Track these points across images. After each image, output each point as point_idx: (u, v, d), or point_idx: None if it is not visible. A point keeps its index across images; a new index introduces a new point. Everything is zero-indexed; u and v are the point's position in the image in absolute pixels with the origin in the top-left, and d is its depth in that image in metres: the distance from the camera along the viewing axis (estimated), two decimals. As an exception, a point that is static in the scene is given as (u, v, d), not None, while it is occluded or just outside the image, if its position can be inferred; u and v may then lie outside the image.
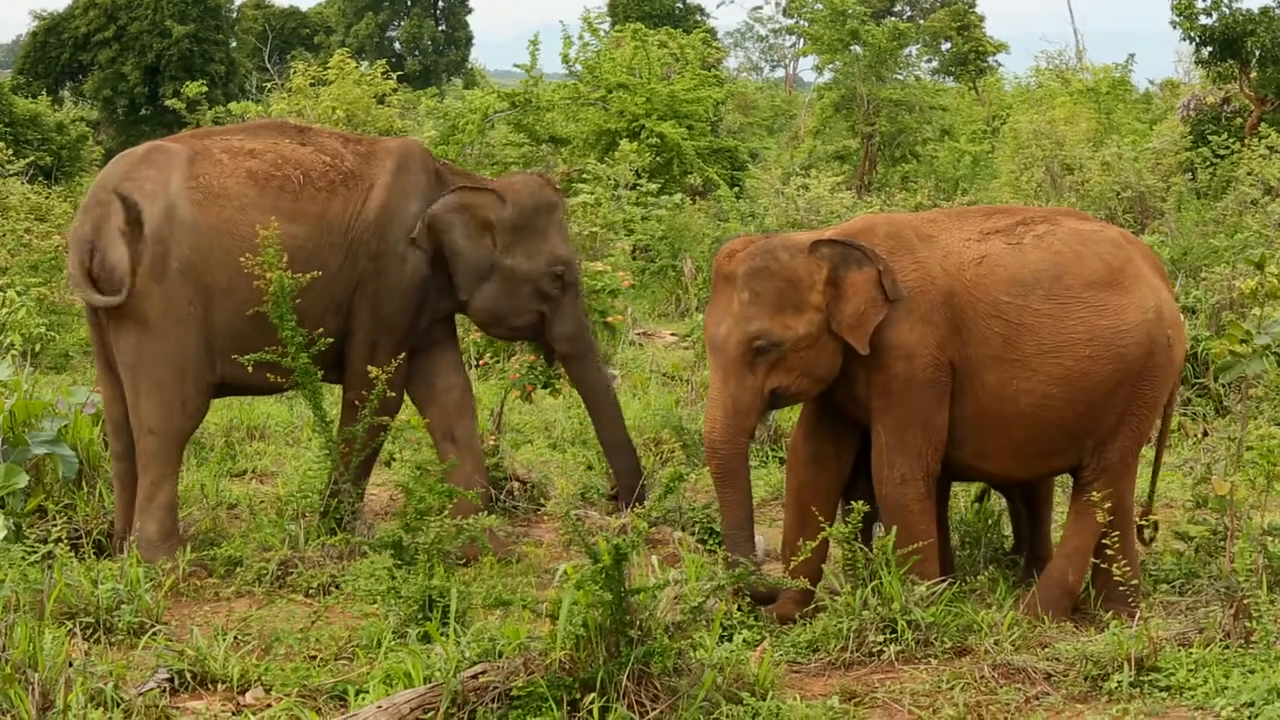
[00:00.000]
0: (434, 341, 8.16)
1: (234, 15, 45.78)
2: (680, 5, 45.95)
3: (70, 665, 5.54)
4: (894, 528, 6.81)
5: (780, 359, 6.85)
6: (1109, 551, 6.70)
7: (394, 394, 7.85)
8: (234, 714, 5.76)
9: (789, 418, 10.11)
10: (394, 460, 9.48)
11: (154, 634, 6.36)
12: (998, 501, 8.20)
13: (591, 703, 5.44)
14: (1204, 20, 22.79)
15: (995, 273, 6.88)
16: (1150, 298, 6.97)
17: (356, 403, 7.83)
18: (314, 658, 6.29)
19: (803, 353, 6.87)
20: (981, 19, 44.29)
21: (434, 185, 8.03)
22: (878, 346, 6.85)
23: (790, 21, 52.81)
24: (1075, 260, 6.93)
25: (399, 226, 7.90)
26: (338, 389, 8.16)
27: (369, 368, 7.64)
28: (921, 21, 44.92)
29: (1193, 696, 5.83)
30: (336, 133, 8.42)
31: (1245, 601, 6.15)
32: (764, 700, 5.70)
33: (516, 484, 9.09)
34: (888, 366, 6.85)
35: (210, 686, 5.94)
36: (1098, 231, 7.19)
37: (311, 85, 23.04)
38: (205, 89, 26.48)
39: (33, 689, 5.33)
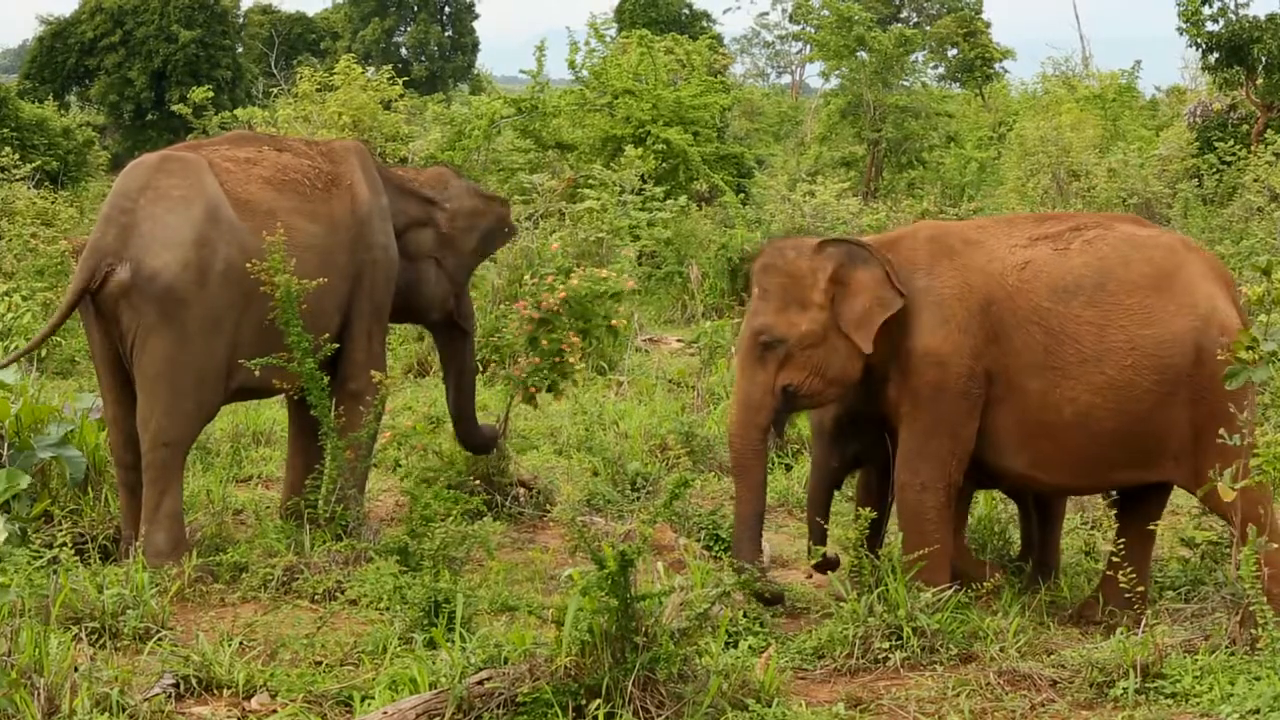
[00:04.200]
0: None
1: (240, 20, 45.83)
2: (687, 11, 45.95)
3: (76, 670, 5.53)
4: (908, 533, 6.84)
5: (788, 356, 6.94)
6: (1114, 559, 6.68)
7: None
8: (239, 719, 5.77)
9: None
10: (400, 466, 9.48)
11: (160, 639, 6.36)
12: (1005, 508, 8.20)
13: (597, 709, 5.44)
14: (1211, 27, 22.79)
15: (1038, 278, 6.84)
16: (1201, 304, 6.77)
17: (361, 408, 8.00)
18: (319, 663, 6.29)
19: (809, 350, 6.93)
20: (988, 25, 44.28)
21: (384, 180, 8.42)
22: (910, 352, 6.87)
23: (797, 28, 52.89)
24: (1121, 265, 6.83)
25: (378, 219, 8.19)
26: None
27: (371, 374, 7.98)
28: (928, 28, 44.89)
29: (1198, 703, 5.83)
30: (296, 138, 8.88)
31: (1251, 608, 6.14)
32: (769, 707, 5.71)
33: (522, 489, 9.10)
34: (920, 373, 6.86)
35: (216, 692, 5.95)
36: (1153, 237, 7.05)
37: (318, 91, 23.07)
38: (211, 94, 26.50)
39: (38, 694, 5.34)
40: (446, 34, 56.18)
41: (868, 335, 6.87)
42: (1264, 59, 22.67)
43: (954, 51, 43.21)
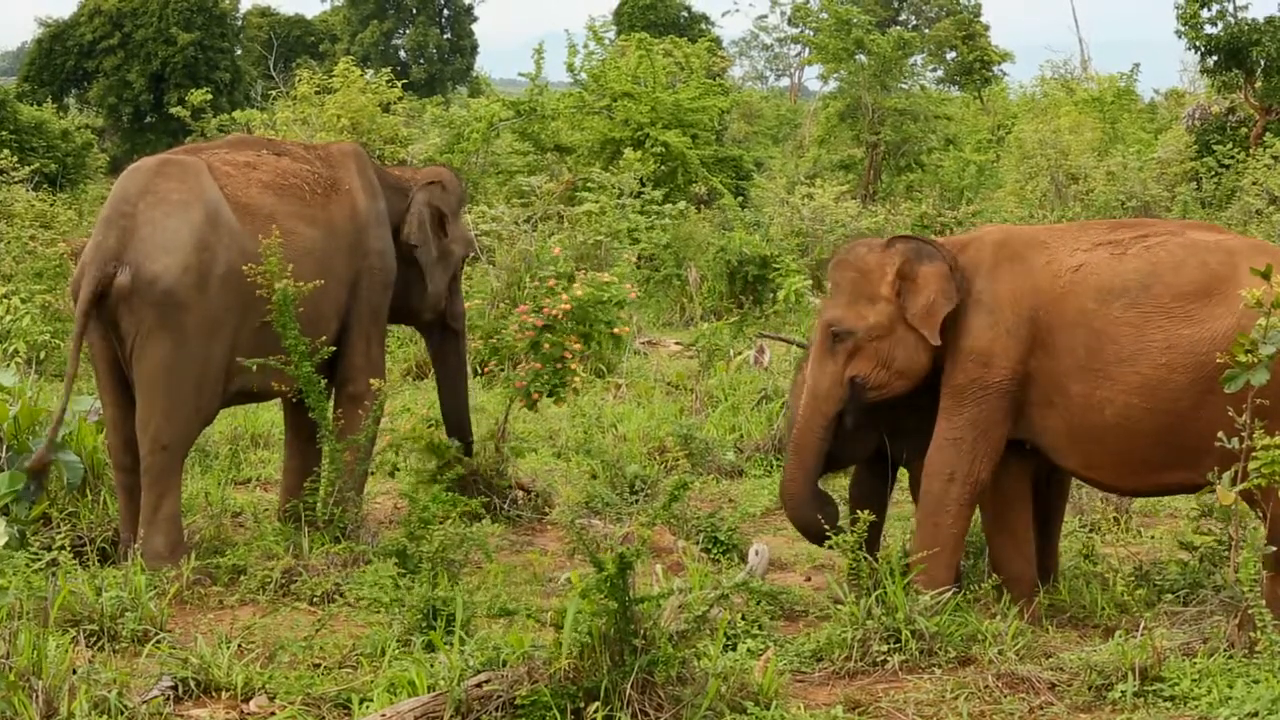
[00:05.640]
0: None
1: (239, 23, 45.84)
2: (685, 14, 45.99)
3: (74, 673, 5.53)
4: (924, 523, 6.96)
5: (857, 348, 7.13)
6: None
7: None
8: (237, 722, 5.77)
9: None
10: (398, 471, 9.48)
11: (158, 642, 6.35)
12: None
13: (595, 711, 5.43)
14: (1209, 30, 22.82)
15: (1087, 281, 6.88)
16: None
17: (360, 411, 8.07)
18: (318, 666, 6.28)
19: (876, 343, 7.12)
20: (986, 28, 44.31)
21: (380, 181, 8.43)
22: (959, 350, 6.99)
23: (795, 30, 52.99)
24: (1171, 269, 6.80)
25: (375, 223, 8.22)
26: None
27: (370, 378, 8.03)
28: (926, 31, 44.92)
29: (1197, 706, 5.83)
30: (295, 142, 8.85)
31: (1249, 612, 6.14)
32: (768, 709, 5.70)
33: (520, 492, 9.09)
34: (965, 370, 6.97)
35: (214, 694, 5.94)
36: (1219, 241, 6.97)
37: (316, 93, 23.11)
38: (210, 97, 26.51)
39: (37, 696, 5.34)
40: (445, 37, 56.20)
41: (934, 327, 7.02)
42: (1263, 62, 22.70)
43: (953, 54, 43.22)
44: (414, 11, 55.92)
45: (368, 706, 5.71)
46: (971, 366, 6.95)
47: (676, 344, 15.51)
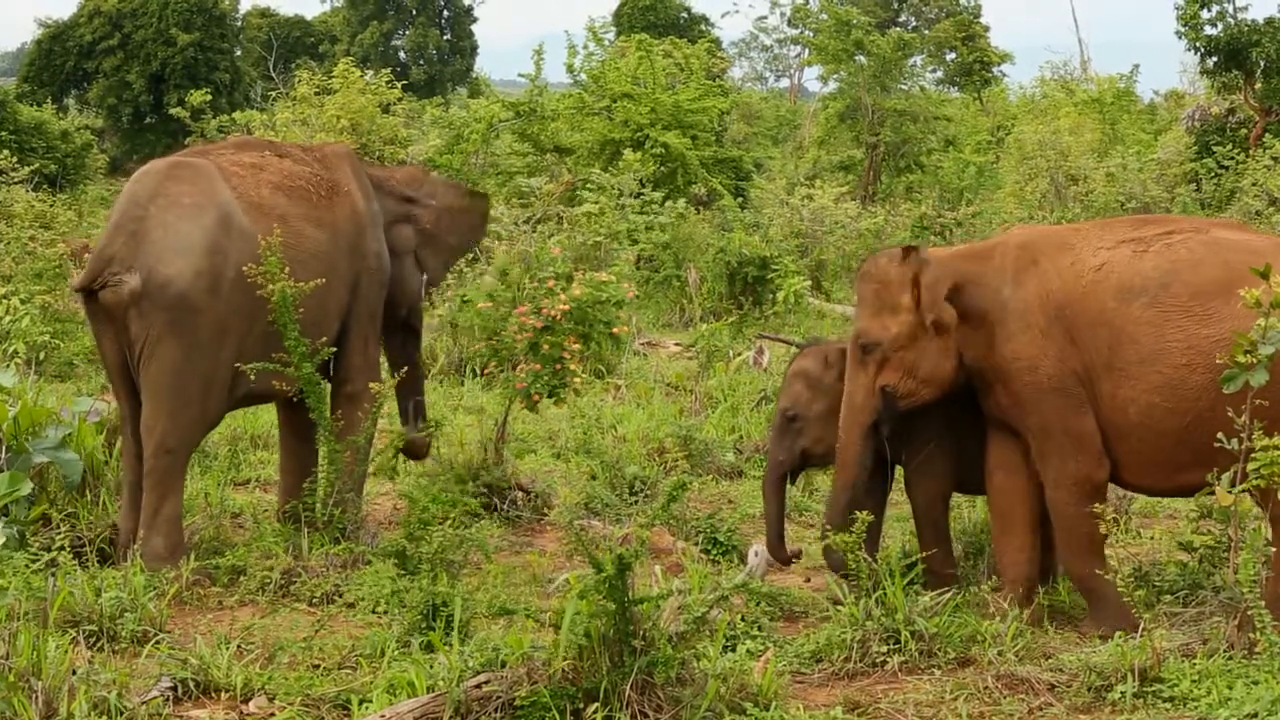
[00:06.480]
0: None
1: (239, 24, 45.85)
2: (685, 15, 46.01)
3: (74, 673, 5.53)
4: (1057, 528, 7.06)
5: (885, 358, 7.19)
6: None
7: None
8: (237, 722, 5.77)
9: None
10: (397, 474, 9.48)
11: (157, 642, 6.35)
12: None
13: (595, 712, 5.43)
14: (1209, 31, 22.82)
15: (1107, 280, 6.89)
16: None
17: (359, 411, 8.08)
18: (317, 667, 6.28)
19: (901, 353, 7.17)
20: (986, 29, 44.37)
21: (372, 183, 8.47)
22: (1002, 359, 7.01)
23: (795, 31, 53.01)
24: (1191, 268, 6.82)
25: (372, 226, 8.25)
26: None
27: (369, 381, 8.07)
28: (926, 32, 44.93)
29: (1196, 707, 5.83)
30: (291, 143, 8.93)
31: (1249, 613, 6.14)
32: (767, 710, 5.70)
33: (520, 493, 9.09)
34: (1016, 378, 6.99)
35: (214, 695, 5.94)
36: (1243, 241, 6.98)
37: (316, 94, 23.10)
38: (210, 97, 26.49)
39: (36, 697, 5.34)
40: (445, 38, 56.20)
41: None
42: (1262, 63, 22.70)
43: (952, 55, 43.25)
44: (414, 12, 55.92)
45: (367, 707, 5.71)
46: (1019, 373, 6.97)
47: (676, 345, 15.50)
